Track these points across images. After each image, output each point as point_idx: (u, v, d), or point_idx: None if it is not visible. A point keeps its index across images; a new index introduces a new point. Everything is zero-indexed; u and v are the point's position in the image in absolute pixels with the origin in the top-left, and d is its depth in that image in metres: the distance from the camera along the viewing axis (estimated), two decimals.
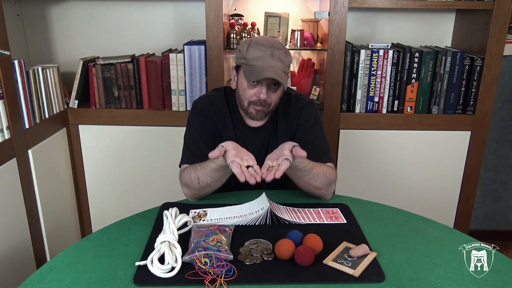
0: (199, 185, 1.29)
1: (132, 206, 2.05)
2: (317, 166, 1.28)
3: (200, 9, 2.14)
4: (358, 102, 1.99)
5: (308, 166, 1.25)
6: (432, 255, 1.06)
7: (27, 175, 1.66)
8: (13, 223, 1.58)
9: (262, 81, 1.28)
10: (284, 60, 1.29)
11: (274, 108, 1.39)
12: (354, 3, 1.85)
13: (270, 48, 1.28)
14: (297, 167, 1.22)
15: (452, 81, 1.94)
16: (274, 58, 1.27)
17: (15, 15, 2.08)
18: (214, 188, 1.32)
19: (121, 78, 1.98)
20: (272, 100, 1.33)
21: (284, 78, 1.29)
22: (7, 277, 1.51)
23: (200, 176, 1.28)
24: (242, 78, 1.32)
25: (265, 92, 1.29)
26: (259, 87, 1.30)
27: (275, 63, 1.26)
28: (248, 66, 1.28)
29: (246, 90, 1.32)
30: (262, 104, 1.32)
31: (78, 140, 2.04)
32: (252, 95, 1.31)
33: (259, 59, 1.26)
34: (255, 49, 1.28)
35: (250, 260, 1.01)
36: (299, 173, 1.25)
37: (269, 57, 1.26)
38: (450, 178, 2.08)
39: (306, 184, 1.30)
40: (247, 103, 1.34)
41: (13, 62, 1.59)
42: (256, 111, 1.33)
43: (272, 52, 1.27)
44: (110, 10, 2.16)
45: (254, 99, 1.31)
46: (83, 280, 0.95)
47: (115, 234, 1.14)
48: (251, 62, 1.27)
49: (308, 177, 1.27)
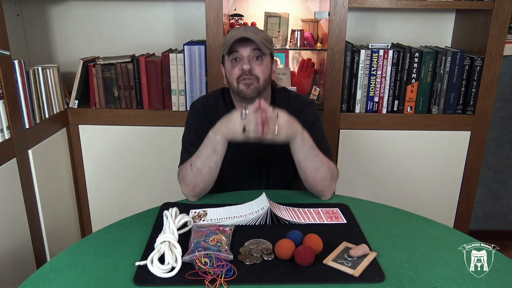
0: (192, 172, 1.29)
1: (132, 206, 2.05)
2: (322, 154, 1.31)
3: (200, 9, 2.14)
4: (358, 102, 1.99)
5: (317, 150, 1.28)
6: (432, 255, 1.06)
7: (27, 175, 1.66)
8: (13, 223, 1.58)
9: (242, 53, 1.32)
10: (258, 33, 1.34)
11: (266, 86, 1.39)
12: (354, 3, 1.85)
13: (243, 27, 1.38)
14: (309, 140, 1.26)
15: (452, 81, 1.94)
16: (248, 31, 1.33)
17: (15, 15, 2.09)
18: (206, 178, 1.30)
19: (121, 78, 1.98)
20: (258, 72, 1.34)
21: (262, 45, 1.32)
22: (7, 277, 1.51)
23: (193, 161, 1.30)
24: (227, 62, 1.37)
25: (247, 62, 1.32)
26: (241, 61, 1.34)
27: (248, 34, 1.32)
28: (227, 46, 1.34)
29: (232, 71, 1.35)
30: (249, 76, 1.33)
31: (78, 140, 2.04)
32: (237, 71, 1.34)
33: (233, 36, 1.32)
34: (231, 32, 1.36)
35: (250, 260, 1.01)
36: (309, 150, 1.27)
37: (243, 31, 1.33)
38: (450, 178, 2.08)
39: (314, 171, 1.29)
40: (236, 83, 1.35)
41: (13, 62, 1.59)
42: (246, 86, 1.34)
43: (245, 28, 1.36)
44: (110, 10, 2.16)
45: (239, 73, 1.34)
46: (83, 280, 0.95)
47: (115, 234, 1.14)
48: (228, 42, 1.33)
49: (317, 159, 1.28)
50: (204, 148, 1.28)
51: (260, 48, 1.31)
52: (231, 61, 1.35)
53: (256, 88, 1.34)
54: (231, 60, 1.35)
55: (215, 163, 1.29)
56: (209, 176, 1.31)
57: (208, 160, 1.28)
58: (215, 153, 1.27)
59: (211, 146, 1.27)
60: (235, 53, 1.33)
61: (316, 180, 1.31)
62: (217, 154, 1.27)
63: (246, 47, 1.32)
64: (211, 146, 1.27)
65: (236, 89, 1.35)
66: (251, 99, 1.34)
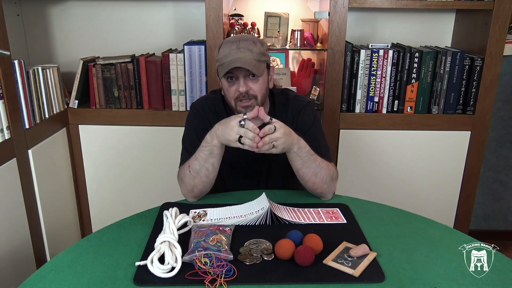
0: (190, 174, 1.30)
1: (132, 206, 2.05)
2: (320, 158, 1.31)
3: (200, 9, 2.14)
4: (358, 102, 1.99)
5: (315, 155, 1.28)
6: (432, 255, 1.06)
7: (27, 175, 1.66)
8: (13, 223, 1.58)
9: (238, 74, 1.30)
10: (252, 49, 1.30)
11: (264, 100, 1.38)
12: (354, 3, 1.85)
13: (236, 42, 1.31)
14: (305, 148, 1.26)
15: (452, 81, 1.94)
16: (241, 50, 1.29)
17: (15, 15, 2.08)
18: (204, 180, 1.30)
19: (121, 78, 1.98)
20: (255, 90, 1.32)
21: (255, 65, 1.29)
22: (7, 277, 1.51)
23: (190, 163, 1.30)
24: (223, 80, 1.35)
25: (243, 84, 1.31)
26: (236, 82, 1.32)
27: (242, 54, 1.29)
28: (221, 65, 1.32)
29: (228, 89, 1.34)
30: (246, 98, 1.32)
31: (78, 140, 2.04)
32: (233, 92, 1.33)
33: (227, 55, 1.30)
34: (223, 48, 1.32)
35: (250, 260, 1.01)
36: (307, 158, 1.27)
37: (235, 50, 1.29)
38: (450, 178, 2.08)
39: (313, 176, 1.29)
40: (234, 102, 1.34)
41: (13, 62, 1.59)
42: (245, 108, 1.33)
43: (237, 45, 1.30)
44: (110, 10, 2.16)
45: (236, 95, 1.32)
46: (83, 280, 0.95)
47: (115, 234, 1.14)
48: (221, 61, 1.31)
49: (315, 164, 1.28)
50: (201, 151, 1.28)
51: (254, 73, 1.29)
52: (227, 79, 1.33)
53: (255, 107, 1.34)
54: (227, 78, 1.33)
55: (212, 165, 1.29)
56: (207, 178, 1.31)
57: (205, 162, 1.28)
58: (212, 156, 1.27)
59: (208, 149, 1.27)
60: (230, 73, 1.31)
61: (315, 184, 1.31)
62: (214, 157, 1.28)
63: (240, 69, 1.29)
64: (208, 149, 1.27)
65: (235, 109, 1.35)
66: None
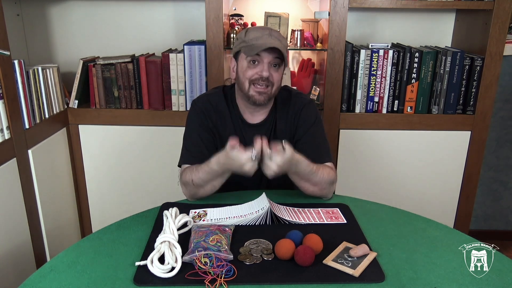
0: (193, 187, 1.31)
1: (132, 206, 2.05)
2: (320, 168, 1.30)
3: (200, 9, 2.14)
4: (358, 102, 1.99)
5: (314, 168, 1.28)
6: (432, 255, 1.06)
7: (27, 175, 1.66)
8: (13, 223, 1.58)
9: (263, 58, 1.30)
10: (282, 40, 1.32)
11: (276, 92, 1.38)
12: (354, 3, 1.85)
13: (268, 29, 1.33)
14: (305, 170, 1.26)
15: (452, 81, 1.94)
16: (273, 37, 1.30)
17: (15, 15, 2.08)
18: (208, 192, 1.32)
19: (121, 78, 1.98)
20: (274, 79, 1.32)
21: (284, 54, 1.30)
22: (7, 277, 1.51)
23: (194, 178, 1.30)
24: (243, 60, 1.33)
25: (267, 69, 1.30)
26: (260, 65, 1.31)
27: (274, 41, 1.29)
28: (249, 46, 1.30)
29: (247, 70, 1.32)
30: (265, 83, 1.31)
31: (78, 140, 2.04)
32: (253, 73, 1.32)
33: (258, 38, 1.30)
34: (253, 31, 1.33)
35: (250, 260, 1.01)
36: (307, 176, 1.28)
37: (268, 36, 1.30)
38: (450, 178, 2.08)
39: (312, 186, 1.31)
40: (248, 84, 1.33)
41: (13, 62, 1.59)
42: (259, 93, 1.32)
43: (270, 32, 1.32)
44: (110, 10, 2.16)
45: (255, 77, 1.31)
46: (83, 280, 0.95)
47: (115, 234, 1.14)
48: (251, 42, 1.30)
49: (315, 179, 1.29)
50: (207, 174, 1.28)
51: (283, 57, 1.30)
52: (249, 62, 1.32)
53: (268, 95, 1.34)
54: (250, 61, 1.32)
55: (219, 183, 1.31)
56: (212, 191, 1.33)
57: (212, 181, 1.30)
58: (221, 177, 1.29)
59: (216, 174, 1.27)
60: (257, 56, 1.30)
61: (314, 192, 1.33)
62: (223, 177, 1.29)
63: (269, 54, 1.29)
64: (215, 174, 1.27)
65: (247, 92, 1.34)
66: (260, 105, 1.36)
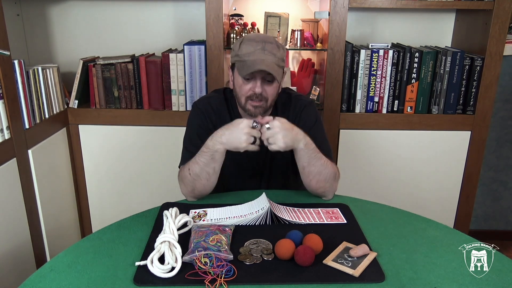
0: (190, 176, 1.30)
1: (132, 206, 2.05)
2: (324, 156, 1.31)
3: (200, 9, 2.14)
4: (358, 102, 1.99)
5: (320, 154, 1.29)
6: (432, 255, 1.06)
7: (27, 175, 1.66)
8: (13, 223, 1.58)
9: (256, 75, 1.29)
10: (276, 53, 1.30)
11: (273, 104, 1.39)
12: (354, 3, 1.85)
13: (261, 43, 1.30)
14: (312, 144, 1.27)
15: (452, 81, 1.94)
16: (266, 52, 1.28)
17: (15, 15, 2.08)
18: (205, 183, 1.31)
19: (121, 78, 1.98)
20: (268, 94, 1.33)
21: (277, 70, 1.29)
22: (7, 277, 1.51)
23: (190, 165, 1.30)
24: (237, 75, 1.34)
25: (259, 86, 1.30)
26: (253, 81, 1.31)
27: (266, 57, 1.28)
28: (241, 62, 1.30)
29: (242, 86, 1.33)
30: (259, 99, 1.32)
31: (78, 140, 2.04)
32: (247, 90, 1.32)
33: (250, 54, 1.28)
34: (247, 45, 1.30)
35: (250, 260, 1.01)
36: (313, 155, 1.28)
37: (260, 51, 1.28)
38: (450, 178, 2.08)
39: (318, 174, 1.30)
40: (244, 100, 1.34)
41: (13, 62, 1.59)
42: (254, 107, 1.33)
43: (263, 46, 1.29)
44: (110, 10, 2.16)
45: (249, 93, 1.32)
46: (83, 280, 0.95)
47: (115, 234, 1.14)
48: (243, 58, 1.30)
49: (320, 163, 1.29)
50: (202, 156, 1.28)
51: (275, 77, 1.29)
52: (243, 78, 1.32)
53: (263, 108, 1.35)
54: (243, 77, 1.31)
55: (213, 169, 1.29)
56: (208, 181, 1.31)
57: (206, 167, 1.29)
58: (213, 161, 1.28)
59: (210, 155, 1.27)
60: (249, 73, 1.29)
61: (319, 183, 1.32)
62: (216, 162, 1.28)
63: (261, 72, 1.28)
64: (209, 154, 1.27)
65: (243, 106, 1.36)
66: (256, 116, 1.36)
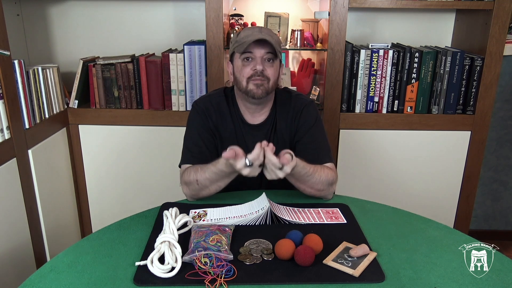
0: (197, 186, 1.30)
1: (132, 206, 2.05)
2: (318, 170, 1.30)
3: (200, 9, 2.14)
4: (358, 102, 1.99)
5: (310, 170, 1.27)
6: (432, 255, 1.06)
7: (27, 175, 1.66)
8: (13, 223, 1.58)
9: (256, 54, 1.32)
10: (273, 35, 1.35)
11: (274, 88, 1.40)
12: (354, 3, 1.85)
13: (258, 28, 1.37)
14: (300, 173, 1.26)
15: (452, 81, 1.94)
16: (263, 33, 1.33)
17: (15, 15, 2.08)
18: (212, 192, 1.32)
19: (121, 78, 1.98)
20: (269, 74, 1.35)
21: (276, 48, 1.33)
22: (7, 277, 1.51)
23: (199, 178, 1.29)
24: (237, 60, 1.37)
25: (260, 63, 1.33)
26: (253, 61, 1.34)
27: (264, 35, 1.32)
28: (240, 44, 1.34)
29: (242, 69, 1.35)
30: (260, 77, 1.33)
31: (78, 140, 2.04)
32: (248, 71, 1.34)
33: (248, 35, 1.33)
34: (245, 30, 1.38)
35: (250, 260, 1.01)
36: (302, 178, 1.28)
37: (258, 32, 1.33)
38: (450, 178, 2.08)
39: (309, 188, 1.31)
40: (246, 81, 1.35)
41: (13, 62, 1.59)
42: (257, 86, 1.34)
43: (260, 29, 1.36)
44: (110, 10, 2.16)
45: (251, 73, 1.34)
46: (83, 280, 0.95)
47: (115, 234, 1.14)
48: (242, 40, 1.33)
49: (312, 181, 1.29)
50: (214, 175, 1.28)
51: (275, 51, 1.33)
52: (243, 60, 1.35)
53: (266, 89, 1.35)
54: (243, 59, 1.35)
55: (225, 183, 1.31)
56: (216, 191, 1.33)
57: (217, 182, 1.30)
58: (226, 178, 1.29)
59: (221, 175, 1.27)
60: (249, 53, 1.33)
61: (312, 193, 1.33)
62: (229, 178, 1.29)
63: (261, 49, 1.32)
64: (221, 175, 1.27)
65: (245, 88, 1.35)
66: (259, 99, 1.36)
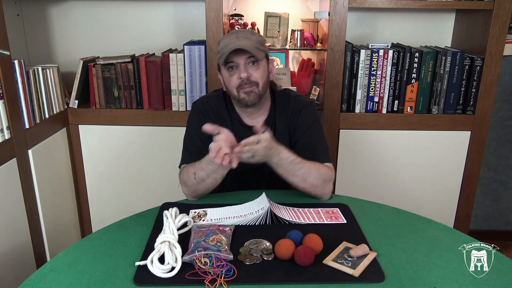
0: (195, 180, 1.31)
1: (132, 206, 2.04)
2: (308, 163, 1.31)
3: (200, 9, 2.14)
4: (358, 102, 1.99)
5: (297, 160, 1.28)
6: (432, 255, 1.06)
7: (27, 175, 1.66)
8: (13, 223, 1.58)
9: (237, 61, 1.32)
10: (250, 37, 1.33)
11: (266, 90, 1.39)
12: (354, 3, 1.85)
13: (235, 33, 1.35)
14: (287, 159, 1.27)
15: (452, 81, 1.94)
16: (240, 39, 1.32)
17: (15, 15, 2.08)
18: (209, 186, 1.32)
19: (121, 78, 1.98)
20: (256, 77, 1.34)
21: (254, 50, 1.31)
22: (7, 277, 1.51)
23: (196, 170, 1.30)
24: (223, 70, 1.37)
25: (243, 70, 1.32)
26: (237, 71, 1.34)
27: (240, 42, 1.31)
28: (221, 55, 1.34)
29: (229, 79, 1.35)
30: (248, 84, 1.33)
31: (78, 140, 2.04)
32: (235, 80, 1.34)
33: (227, 45, 1.32)
34: (223, 40, 1.36)
35: (250, 260, 1.01)
36: (290, 167, 1.28)
37: (234, 39, 1.32)
38: (450, 178, 2.08)
39: (302, 182, 1.31)
40: (236, 91, 1.35)
41: (13, 62, 1.59)
42: (247, 94, 1.34)
43: (236, 35, 1.34)
44: (110, 10, 2.16)
45: (238, 82, 1.34)
46: (83, 280, 0.95)
47: (115, 234, 1.14)
48: (222, 51, 1.33)
49: (301, 172, 1.29)
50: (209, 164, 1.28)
51: (254, 55, 1.31)
52: (228, 69, 1.35)
53: (257, 94, 1.35)
54: (228, 68, 1.35)
55: (221, 176, 1.31)
56: (213, 185, 1.33)
57: (213, 173, 1.30)
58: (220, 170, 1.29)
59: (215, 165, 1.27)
60: (231, 62, 1.33)
61: (305, 188, 1.33)
62: (223, 170, 1.29)
63: (240, 56, 1.31)
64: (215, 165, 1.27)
65: (237, 98, 1.36)
66: (253, 106, 1.36)
